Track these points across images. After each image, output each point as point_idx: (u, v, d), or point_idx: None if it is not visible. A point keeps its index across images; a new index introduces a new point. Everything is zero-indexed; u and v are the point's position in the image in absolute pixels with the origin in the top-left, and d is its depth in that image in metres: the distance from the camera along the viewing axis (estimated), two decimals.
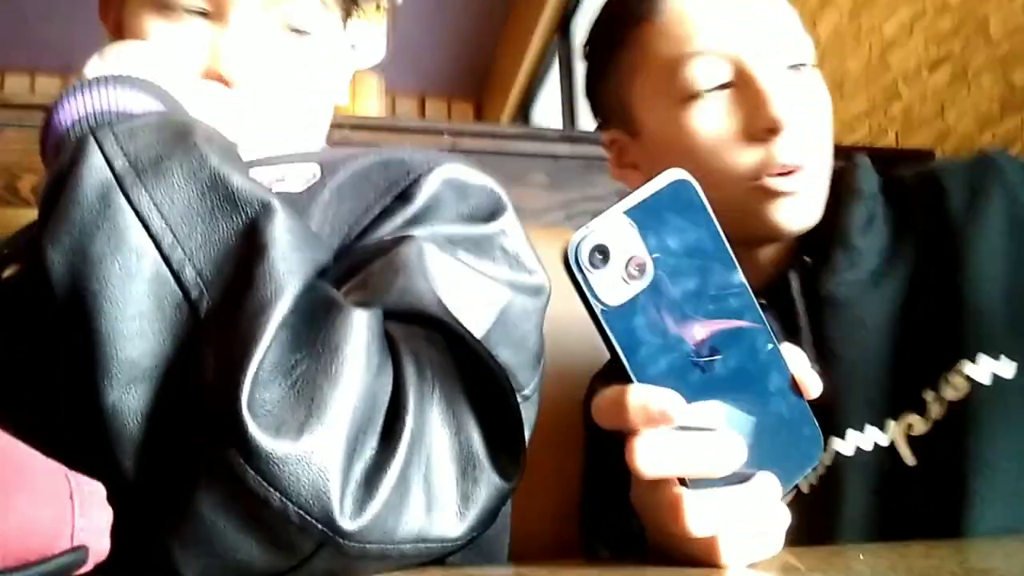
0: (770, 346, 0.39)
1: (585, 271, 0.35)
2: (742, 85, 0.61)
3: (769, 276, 0.66)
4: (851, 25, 1.98)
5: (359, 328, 0.42)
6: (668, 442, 0.37)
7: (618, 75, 0.68)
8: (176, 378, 0.40)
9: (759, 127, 0.60)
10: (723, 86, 0.61)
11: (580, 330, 0.44)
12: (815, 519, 0.57)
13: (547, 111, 3.96)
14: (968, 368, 0.56)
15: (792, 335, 0.61)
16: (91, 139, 0.44)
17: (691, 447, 0.37)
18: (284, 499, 0.37)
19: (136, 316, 0.40)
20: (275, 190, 0.54)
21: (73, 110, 0.48)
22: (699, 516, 0.37)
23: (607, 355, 0.37)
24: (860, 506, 0.58)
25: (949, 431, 0.56)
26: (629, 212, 0.36)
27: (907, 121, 1.74)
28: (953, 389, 0.57)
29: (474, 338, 0.47)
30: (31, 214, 0.49)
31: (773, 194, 0.60)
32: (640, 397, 0.36)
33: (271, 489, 0.37)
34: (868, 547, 0.55)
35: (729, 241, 0.38)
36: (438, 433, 0.43)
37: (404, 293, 0.46)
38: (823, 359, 0.60)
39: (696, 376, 0.37)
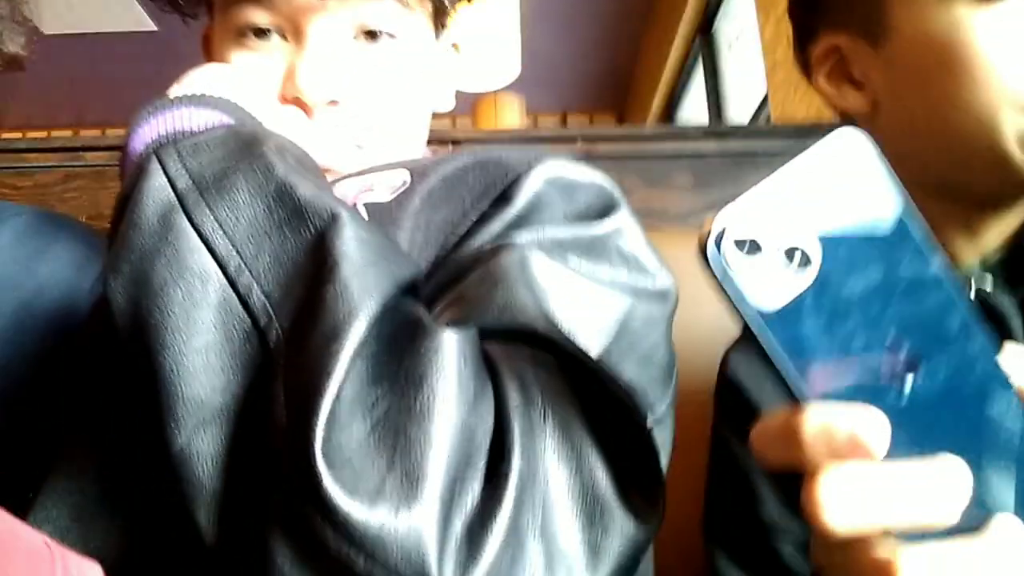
0: (986, 354, 0.29)
1: (730, 265, 0.26)
2: None
3: (996, 252, 0.53)
4: None
5: (448, 353, 0.35)
6: (869, 479, 0.26)
7: None
8: (250, 418, 0.35)
9: None
10: None
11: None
12: None
13: (692, 116, 3.80)
14: None
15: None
16: (153, 158, 0.40)
17: (900, 480, 0.26)
18: (370, 564, 0.31)
19: (203, 349, 0.35)
20: (362, 201, 0.49)
21: (146, 134, 0.44)
22: None
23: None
24: None
25: None
26: (785, 186, 0.27)
27: None
28: None
29: (588, 355, 0.39)
30: None
31: None
32: (822, 419, 0.26)
33: (355, 552, 0.31)
34: None
35: (973, 197, 0.27)
36: (554, 472, 0.35)
37: (505, 308, 0.39)
38: None
39: (890, 398, 0.27)
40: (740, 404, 0.61)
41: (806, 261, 0.27)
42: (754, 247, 0.27)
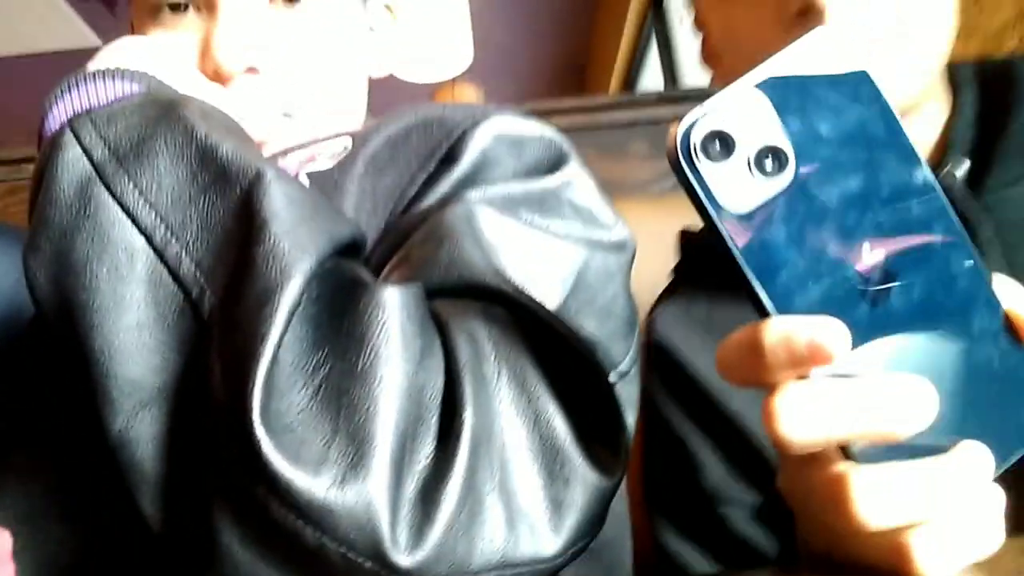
0: (973, 270, 0.28)
1: (698, 164, 0.25)
2: None
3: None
4: None
5: (391, 310, 0.33)
6: (824, 392, 0.25)
7: None
8: (189, 395, 0.33)
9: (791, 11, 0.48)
10: None
11: None
12: None
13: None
14: None
15: None
16: (67, 130, 0.38)
17: (859, 396, 0.25)
18: (319, 534, 0.29)
19: (134, 326, 0.33)
20: (304, 171, 0.48)
21: (61, 112, 0.42)
22: (876, 499, 0.26)
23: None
24: None
25: None
26: (761, 84, 0.26)
27: None
28: None
29: (542, 307, 0.38)
30: None
31: None
32: (780, 330, 0.25)
33: (302, 523, 0.29)
34: None
35: None
36: (510, 426, 0.34)
37: (451, 264, 0.38)
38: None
39: (863, 311, 0.26)
40: (670, 364, 0.59)
41: (780, 165, 0.26)
42: (724, 147, 0.26)
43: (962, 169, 0.51)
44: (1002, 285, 0.29)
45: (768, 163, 0.26)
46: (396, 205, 0.47)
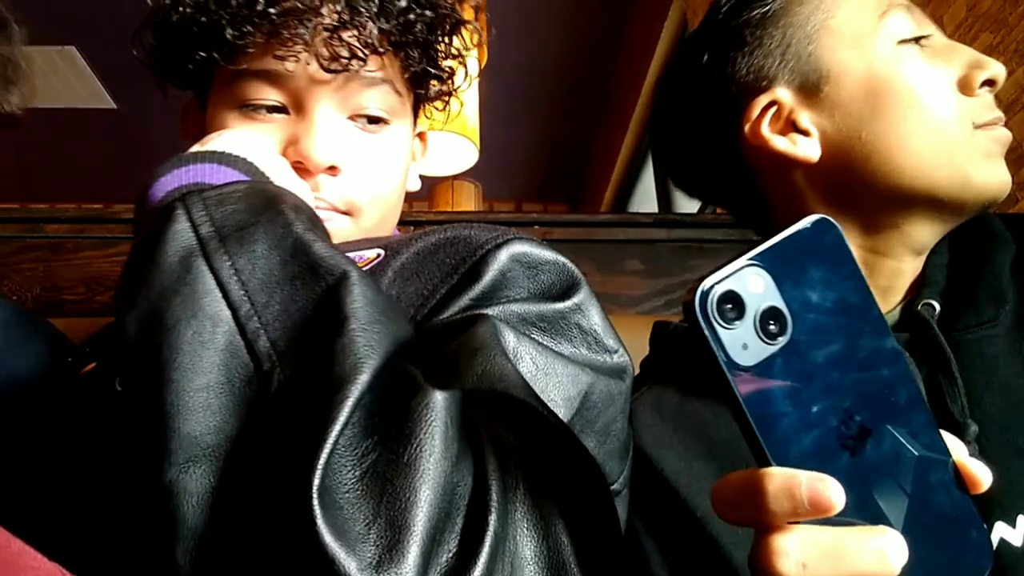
0: (929, 427, 0.32)
1: (715, 324, 0.29)
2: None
3: (893, 306, 0.58)
4: None
5: (438, 412, 0.37)
6: (824, 539, 0.29)
7: (793, 26, 0.64)
8: (240, 458, 0.36)
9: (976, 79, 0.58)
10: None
11: None
12: None
13: (643, 207, 3.93)
14: None
15: (935, 382, 0.53)
16: (179, 204, 0.43)
17: (851, 544, 0.29)
18: None
19: (204, 388, 0.37)
20: None
21: (168, 182, 0.48)
22: None
23: None
24: None
25: None
26: (763, 257, 0.30)
27: None
28: None
29: (565, 426, 0.41)
30: None
31: (991, 149, 0.58)
32: (784, 481, 0.29)
33: None
34: None
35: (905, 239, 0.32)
36: (524, 537, 0.37)
37: (484, 375, 0.41)
38: (977, 421, 0.50)
39: (844, 460, 0.30)
40: (640, 463, 0.59)
41: (780, 328, 0.30)
42: (736, 309, 0.30)
43: (936, 306, 0.56)
44: (948, 439, 0.33)
45: (771, 326, 0.30)
46: (417, 312, 0.51)
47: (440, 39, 0.67)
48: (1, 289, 1.14)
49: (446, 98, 0.72)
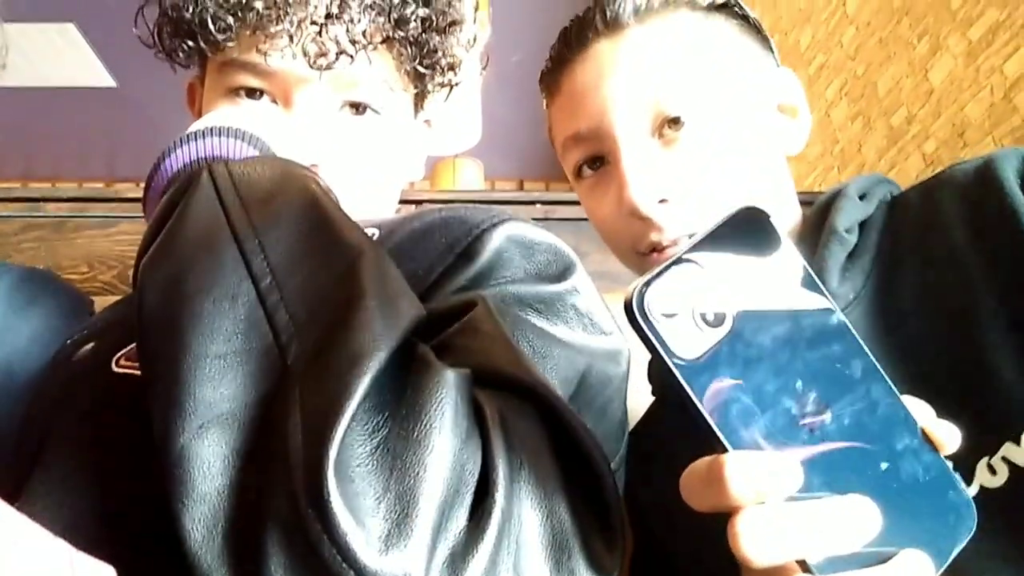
0: (889, 396, 0.32)
1: (655, 322, 0.30)
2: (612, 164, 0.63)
3: None
4: (968, 70, 1.86)
5: (448, 389, 0.37)
6: (781, 516, 0.29)
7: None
8: (254, 428, 0.36)
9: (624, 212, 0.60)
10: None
11: None
12: None
13: None
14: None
15: None
16: (206, 172, 0.43)
17: (812, 517, 0.30)
18: None
19: (221, 355, 0.37)
20: None
21: (184, 155, 0.48)
22: None
23: None
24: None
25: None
26: (694, 252, 0.31)
27: None
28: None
29: (569, 408, 0.41)
30: None
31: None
32: (740, 464, 0.29)
33: (345, 567, 0.32)
34: None
35: None
36: (528, 515, 0.37)
37: (488, 355, 0.41)
38: None
39: (804, 438, 0.31)
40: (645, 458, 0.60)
41: (720, 317, 0.31)
42: (670, 308, 0.30)
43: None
44: (912, 404, 0.33)
45: (711, 317, 0.30)
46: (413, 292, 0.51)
47: (437, 36, 0.65)
48: None
49: (447, 90, 0.71)
